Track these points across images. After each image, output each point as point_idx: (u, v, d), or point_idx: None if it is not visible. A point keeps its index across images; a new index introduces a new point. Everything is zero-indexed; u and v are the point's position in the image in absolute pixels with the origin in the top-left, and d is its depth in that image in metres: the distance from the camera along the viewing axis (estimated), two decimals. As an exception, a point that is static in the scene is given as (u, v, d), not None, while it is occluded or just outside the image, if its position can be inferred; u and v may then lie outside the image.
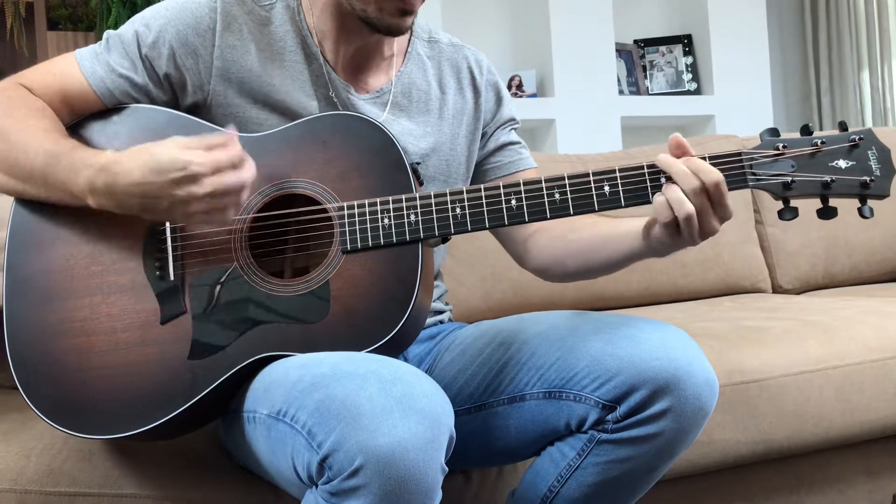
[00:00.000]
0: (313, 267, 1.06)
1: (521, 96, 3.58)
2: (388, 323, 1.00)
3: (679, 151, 1.02)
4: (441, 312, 1.32)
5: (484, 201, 1.04)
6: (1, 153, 1.06)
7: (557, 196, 1.03)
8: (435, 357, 1.22)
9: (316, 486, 0.89)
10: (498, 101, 1.32)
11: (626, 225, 1.11)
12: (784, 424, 1.46)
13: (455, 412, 1.11)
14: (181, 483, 1.14)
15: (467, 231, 1.04)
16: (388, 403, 0.85)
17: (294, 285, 1.04)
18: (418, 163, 1.19)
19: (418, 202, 1.04)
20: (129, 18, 1.19)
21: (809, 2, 4.19)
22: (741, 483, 1.52)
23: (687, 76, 3.87)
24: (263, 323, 1.03)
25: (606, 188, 1.02)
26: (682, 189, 0.98)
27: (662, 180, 1.01)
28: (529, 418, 1.09)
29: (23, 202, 1.10)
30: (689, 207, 0.98)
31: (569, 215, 1.03)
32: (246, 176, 0.98)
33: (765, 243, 2.21)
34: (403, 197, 1.04)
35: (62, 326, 1.06)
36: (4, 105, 1.09)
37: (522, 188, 1.03)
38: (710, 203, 0.99)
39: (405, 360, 1.23)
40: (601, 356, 1.02)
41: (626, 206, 1.03)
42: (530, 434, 1.10)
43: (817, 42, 4.16)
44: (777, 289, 2.21)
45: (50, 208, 1.08)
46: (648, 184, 1.02)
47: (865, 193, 1.01)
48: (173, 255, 1.07)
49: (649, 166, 1.02)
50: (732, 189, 1.01)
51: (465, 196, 1.04)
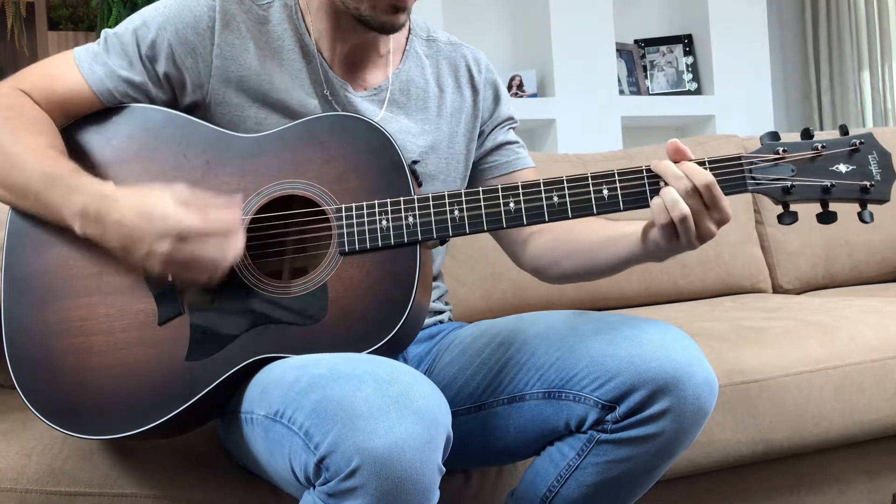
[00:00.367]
0: (312, 268, 1.05)
1: (522, 96, 3.58)
2: (386, 325, 1.00)
3: (677, 156, 1.01)
4: (441, 312, 1.31)
5: (482, 204, 1.03)
6: None
7: (556, 199, 1.02)
8: (434, 357, 1.22)
9: (313, 487, 0.89)
10: (496, 100, 1.32)
11: (625, 228, 1.11)
12: (784, 424, 1.46)
13: (455, 412, 1.11)
14: (181, 482, 1.14)
15: (465, 234, 1.04)
16: (385, 404, 0.85)
17: (292, 287, 1.04)
18: (416, 161, 1.19)
19: (416, 204, 1.03)
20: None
21: (810, 2, 4.18)
22: (741, 483, 1.52)
23: (687, 76, 3.87)
24: (261, 324, 1.03)
25: (605, 191, 1.02)
26: (677, 191, 0.98)
27: (661, 184, 1.00)
28: (529, 418, 1.09)
29: None
30: (684, 208, 0.97)
31: (567, 218, 1.03)
32: (229, 254, 0.99)
33: (765, 243, 2.21)
34: (402, 199, 1.04)
35: (60, 327, 1.06)
36: (3, 117, 1.08)
37: (521, 191, 1.03)
38: (705, 205, 0.99)
39: (405, 360, 1.23)
40: (601, 356, 1.02)
41: (625, 210, 1.02)
42: (530, 434, 1.10)
43: (818, 42, 4.16)
44: (777, 289, 2.21)
45: None
46: (647, 187, 1.01)
47: (865, 198, 1.00)
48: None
49: (648, 169, 1.01)
50: (732, 193, 1.00)
51: (464, 198, 1.03)
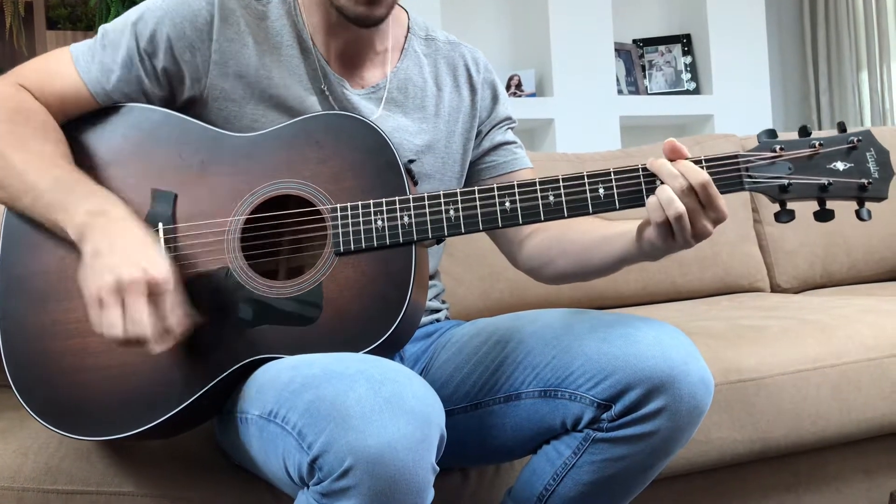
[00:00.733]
0: (307, 268, 1.05)
1: (520, 96, 3.58)
2: (382, 325, 0.99)
3: (674, 156, 1.01)
4: (437, 311, 1.31)
5: (478, 203, 1.03)
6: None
7: (552, 198, 1.02)
8: (431, 355, 1.22)
9: (307, 487, 0.89)
10: (494, 100, 1.31)
11: (620, 227, 1.11)
12: (781, 423, 1.46)
13: (451, 411, 1.11)
14: (179, 482, 1.14)
15: (461, 233, 1.03)
16: (378, 404, 0.85)
17: (286, 287, 1.03)
18: (412, 160, 1.19)
19: (412, 204, 1.03)
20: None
21: (808, 2, 4.19)
22: (738, 481, 1.52)
23: (686, 76, 3.87)
24: (256, 325, 1.03)
25: (601, 190, 1.02)
26: (672, 189, 0.98)
27: (657, 182, 1.00)
28: (525, 417, 1.09)
29: None
30: (680, 207, 0.97)
31: (563, 217, 1.02)
32: (155, 347, 0.96)
33: (763, 242, 2.21)
34: (397, 198, 1.03)
35: (56, 327, 1.06)
36: (7, 121, 1.08)
37: (516, 190, 1.03)
38: (700, 204, 0.99)
39: (401, 359, 1.23)
40: (596, 355, 1.02)
41: (621, 209, 1.02)
42: (526, 433, 1.10)
43: (816, 42, 4.16)
44: (775, 288, 2.21)
45: None
46: (643, 186, 1.01)
47: (863, 196, 1.00)
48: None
49: (644, 168, 1.01)
50: (729, 192, 1.00)
51: (459, 198, 1.03)
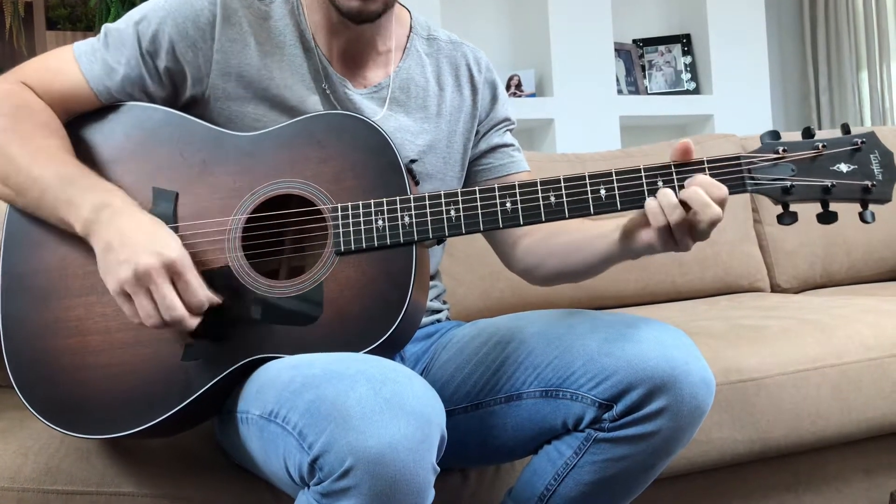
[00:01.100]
0: (308, 267, 1.05)
1: (520, 96, 3.58)
2: (382, 325, 0.99)
3: (685, 158, 1.00)
4: (438, 311, 1.31)
5: (479, 203, 1.03)
6: (1, 166, 1.06)
7: (553, 199, 1.02)
8: (432, 356, 1.22)
9: (308, 487, 0.89)
10: (493, 100, 1.31)
11: (602, 227, 1.11)
12: (781, 423, 1.46)
13: (452, 411, 1.11)
14: (179, 482, 1.14)
15: (461, 233, 1.03)
16: (378, 404, 0.85)
17: (287, 287, 1.03)
18: (414, 160, 1.19)
19: (412, 203, 1.03)
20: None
21: (808, 2, 4.18)
22: (739, 481, 1.52)
23: (686, 76, 3.87)
24: (257, 324, 1.03)
25: (602, 191, 1.01)
26: (700, 219, 0.96)
27: (659, 184, 1.00)
28: (526, 417, 1.09)
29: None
30: (682, 214, 0.97)
31: (564, 218, 1.02)
32: (187, 318, 0.98)
33: (763, 242, 2.21)
34: (397, 198, 1.03)
35: (57, 326, 1.06)
36: (13, 117, 1.08)
37: (517, 190, 1.02)
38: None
39: (402, 360, 1.23)
40: (597, 355, 1.02)
41: (623, 210, 1.01)
42: (527, 433, 1.10)
43: (816, 42, 4.16)
44: (775, 288, 2.21)
45: None
46: (645, 187, 1.00)
47: (867, 198, 0.99)
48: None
49: (646, 170, 1.01)
50: (731, 194, 0.99)
51: (460, 198, 1.03)
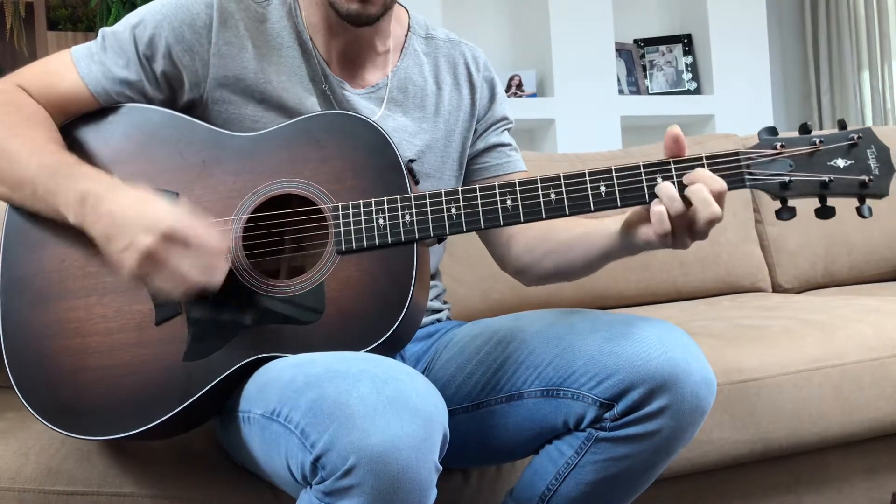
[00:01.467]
0: (309, 267, 1.05)
1: (521, 96, 3.58)
2: (384, 324, 0.99)
3: (675, 146, 1.01)
4: (439, 311, 1.31)
5: (479, 201, 1.03)
6: None
7: (553, 196, 1.02)
8: (433, 355, 1.22)
9: (310, 486, 0.89)
10: (491, 98, 1.31)
11: (596, 224, 1.11)
12: (782, 423, 1.46)
13: (453, 411, 1.11)
14: (179, 482, 1.14)
15: (462, 231, 1.03)
16: (381, 403, 0.85)
17: (288, 286, 1.03)
18: (413, 160, 1.19)
19: (413, 202, 1.03)
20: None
21: (809, 2, 4.19)
22: (740, 482, 1.52)
23: (687, 76, 3.87)
24: (258, 324, 1.03)
25: (602, 188, 1.01)
26: (701, 216, 0.97)
27: (659, 180, 1.00)
28: (527, 416, 1.09)
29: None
30: (684, 210, 0.97)
31: (564, 215, 1.02)
32: (210, 275, 0.97)
33: (764, 242, 2.21)
34: (398, 197, 1.03)
35: (57, 327, 1.05)
36: (1, 111, 1.08)
37: (518, 188, 1.02)
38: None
39: (402, 359, 1.23)
40: (599, 354, 1.02)
41: (623, 207, 1.02)
42: (528, 432, 1.10)
43: (817, 42, 4.16)
44: (777, 288, 2.21)
45: None
46: (645, 183, 1.01)
47: (864, 193, 1.00)
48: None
49: (645, 166, 1.01)
50: (730, 189, 1.00)
51: (461, 196, 1.03)
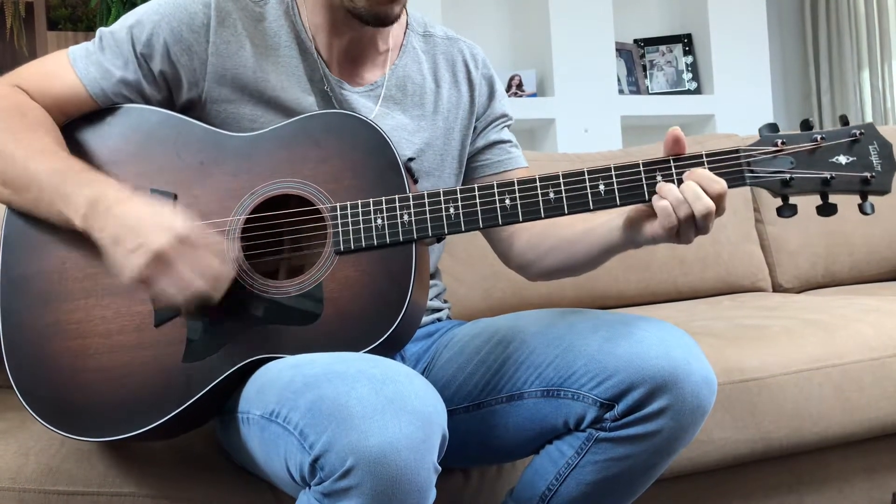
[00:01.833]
0: (307, 267, 1.05)
1: (521, 96, 3.57)
2: (383, 324, 0.99)
3: (676, 147, 1.01)
4: (439, 310, 1.31)
5: (478, 201, 1.03)
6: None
7: (552, 195, 1.02)
8: (433, 355, 1.22)
9: (309, 487, 0.89)
10: (490, 96, 1.31)
11: (600, 218, 1.11)
12: (783, 423, 1.46)
13: (453, 410, 1.11)
14: (180, 482, 1.14)
15: (461, 231, 1.03)
16: (380, 403, 0.85)
17: (287, 287, 1.03)
18: (412, 158, 1.18)
19: (411, 202, 1.03)
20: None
21: (809, 1, 4.18)
22: (740, 481, 1.52)
23: (687, 75, 3.87)
24: (257, 325, 1.02)
25: (601, 187, 1.01)
26: (695, 211, 0.97)
27: (658, 178, 1.00)
28: (528, 417, 1.09)
29: None
30: (690, 213, 0.98)
31: (563, 214, 1.02)
32: (215, 281, 0.98)
33: (765, 242, 2.21)
34: (396, 197, 1.03)
35: (57, 328, 1.05)
36: (5, 116, 1.08)
37: (516, 187, 1.02)
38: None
39: (402, 359, 1.23)
40: (599, 354, 1.02)
41: (622, 205, 1.02)
42: (529, 432, 1.10)
43: (817, 41, 4.15)
44: (777, 287, 2.21)
45: None
46: (644, 182, 1.01)
47: (866, 190, 0.99)
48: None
49: (645, 164, 1.01)
50: (730, 187, 1.00)
51: (459, 195, 1.03)
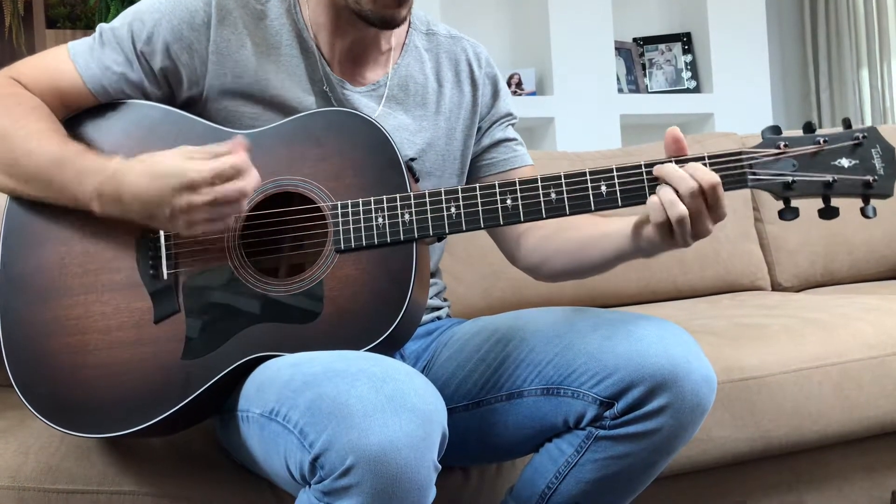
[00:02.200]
0: (308, 265, 1.05)
1: (521, 94, 3.57)
2: (383, 323, 0.99)
3: (675, 146, 1.01)
4: (439, 309, 1.31)
5: (479, 200, 1.02)
6: (0, 153, 1.06)
7: (553, 196, 1.02)
8: (433, 353, 1.22)
9: (309, 486, 0.89)
10: (495, 95, 1.31)
11: (615, 224, 1.10)
12: (783, 421, 1.46)
13: (453, 409, 1.11)
14: (179, 481, 1.14)
15: (462, 231, 1.03)
16: (380, 402, 0.85)
17: (287, 285, 1.03)
18: (413, 158, 1.18)
19: (412, 201, 1.03)
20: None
21: (809, 0, 4.18)
22: (740, 480, 1.52)
23: (686, 74, 3.87)
24: (257, 322, 1.02)
25: (603, 188, 1.01)
26: (679, 192, 0.97)
27: (660, 181, 0.99)
28: (527, 415, 1.09)
29: (17, 199, 1.09)
30: (682, 209, 0.96)
31: (565, 215, 1.02)
32: (245, 185, 0.98)
33: (764, 241, 2.21)
34: (397, 196, 1.03)
35: (56, 324, 1.05)
36: (2, 104, 1.08)
37: (518, 187, 1.02)
38: (707, 205, 0.98)
39: (402, 357, 1.23)
40: (599, 353, 1.02)
41: (623, 206, 1.01)
42: (528, 431, 1.10)
43: (816, 40, 4.15)
44: (776, 286, 2.21)
45: (45, 205, 1.08)
46: (646, 183, 1.00)
47: (868, 193, 0.99)
48: (167, 254, 1.06)
49: (647, 165, 1.00)
50: (732, 189, 0.99)
51: (460, 195, 1.03)
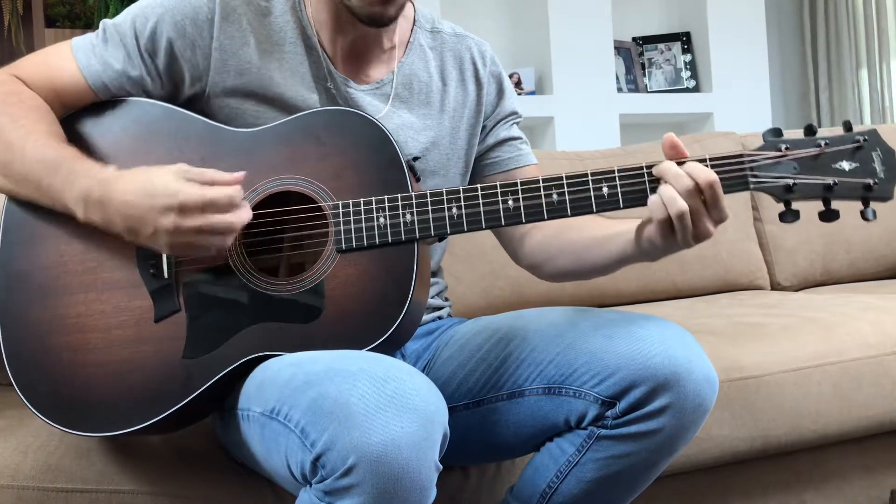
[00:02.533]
0: (309, 265, 1.05)
1: (520, 94, 3.57)
2: (384, 323, 0.99)
3: (673, 151, 1.00)
4: (440, 308, 1.31)
5: (481, 201, 1.02)
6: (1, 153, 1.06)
7: (555, 196, 1.02)
8: (434, 353, 1.22)
9: (310, 485, 0.89)
10: (499, 94, 1.30)
11: (619, 226, 1.10)
12: (782, 421, 1.46)
13: (454, 408, 1.11)
14: (179, 480, 1.14)
15: (463, 231, 1.03)
16: (381, 401, 0.85)
17: (288, 284, 1.03)
18: (416, 158, 1.18)
19: (414, 201, 1.02)
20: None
21: (808, 0, 4.19)
22: (739, 479, 1.52)
23: (685, 74, 3.87)
24: (258, 322, 1.02)
25: (605, 189, 1.01)
26: (677, 190, 0.97)
27: (661, 181, 0.99)
28: (528, 414, 1.09)
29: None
30: (682, 205, 0.96)
31: (566, 216, 1.02)
32: (236, 221, 0.98)
33: (763, 240, 2.21)
34: (399, 196, 1.03)
35: (56, 323, 1.05)
36: (1, 102, 1.08)
37: (519, 188, 1.02)
38: (705, 204, 0.98)
39: (403, 357, 1.23)
40: (601, 352, 1.02)
41: (625, 208, 1.01)
42: (529, 430, 1.10)
43: (816, 40, 4.15)
44: (775, 286, 2.21)
45: None
46: (647, 185, 1.00)
47: (869, 196, 0.99)
48: (167, 253, 1.06)
49: (648, 167, 1.00)
50: (733, 192, 0.99)
51: (462, 196, 1.02)
